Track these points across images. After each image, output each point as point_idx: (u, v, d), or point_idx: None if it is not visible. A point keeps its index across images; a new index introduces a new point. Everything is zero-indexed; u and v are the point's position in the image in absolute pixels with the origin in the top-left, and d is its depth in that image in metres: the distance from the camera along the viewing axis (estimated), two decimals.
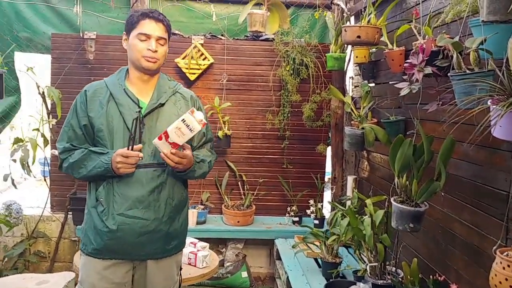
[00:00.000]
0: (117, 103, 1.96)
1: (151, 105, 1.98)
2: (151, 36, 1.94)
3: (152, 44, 1.94)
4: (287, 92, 4.01)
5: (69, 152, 1.99)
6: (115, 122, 1.95)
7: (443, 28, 2.23)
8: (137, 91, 2.01)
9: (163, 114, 2.00)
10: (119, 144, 1.93)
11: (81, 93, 2.03)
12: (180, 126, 1.82)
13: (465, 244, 2.11)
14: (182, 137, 1.85)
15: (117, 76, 2.05)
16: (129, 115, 1.94)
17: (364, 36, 2.62)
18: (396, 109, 2.88)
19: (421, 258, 2.50)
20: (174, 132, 1.83)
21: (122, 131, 1.95)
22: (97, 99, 1.99)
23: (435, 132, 2.28)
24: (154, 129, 1.97)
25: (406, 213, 2.04)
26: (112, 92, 1.98)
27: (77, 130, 1.99)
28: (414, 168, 2.07)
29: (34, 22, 3.95)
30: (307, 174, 4.12)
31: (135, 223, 1.91)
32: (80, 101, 2.01)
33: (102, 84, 2.04)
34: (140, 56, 1.94)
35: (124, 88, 1.99)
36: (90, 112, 1.97)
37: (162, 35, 1.97)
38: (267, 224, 4.00)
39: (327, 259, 2.92)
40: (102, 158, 1.90)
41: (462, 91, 1.65)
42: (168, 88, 2.07)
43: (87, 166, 1.93)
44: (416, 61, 1.93)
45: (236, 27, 4.09)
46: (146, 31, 1.94)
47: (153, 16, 1.97)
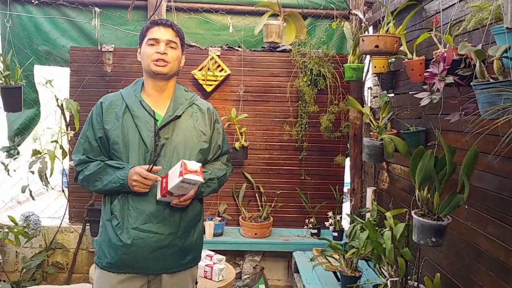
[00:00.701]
0: (133, 115, 1.94)
1: (167, 118, 1.96)
2: (160, 40, 1.93)
3: (161, 46, 1.92)
4: (304, 103, 3.97)
5: (84, 164, 1.97)
6: (130, 134, 1.93)
7: (464, 36, 2.17)
8: (153, 103, 1.99)
9: (179, 126, 1.97)
10: (134, 156, 1.92)
11: (96, 105, 2.02)
12: (181, 185, 1.79)
13: (490, 259, 2.03)
14: (186, 189, 1.84)
15: (133, 88, 2.03)
16: (144, 127, 1.92)
17: (383, 45, 2.57)
18: (416, 119, 2.82)
19: (444, 273, 2.42)
20: (177, 189, 1.80)
21: (138, 144, 1.92)
22: (113, 111, 1.97)
23: (457, 143, 2.22)
24: (170, 141, 1.94)
25: (428, 227, 1.97)
26: (128, 104, 1.96)
27: (93, 142, 1.97)
28: (436, 180, 2.00)
29: (53, 35, 4.01)
30: (325, 185, 4.06)
31: (150, 238, 1.89)
32: (95, 113, 2.00)
33: (118, 96, 2.02)
34: (150, 61, 1.92)
35: (140, 100, 1.97)
36: (106, 124, 1.95)
37: (172, 38, 1.95)
38: (285, 236, 3.94)
39: (346, 272, 2.85)
40: (118, 174, 1.88)
41: (486, 100, 1.59)
42: (184, 99, 2.04)
43: (102, 180, 1.92)
44: (437, 70, 1.88)
45: (253, 38, 4.09)
46: (154, 35, 1.93)
47: (161, 23, 1.97)
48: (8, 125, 4.06)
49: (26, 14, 3.94)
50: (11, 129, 4.05)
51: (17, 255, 4.00)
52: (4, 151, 3.83)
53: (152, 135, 1.92)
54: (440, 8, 2.43)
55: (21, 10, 3.94)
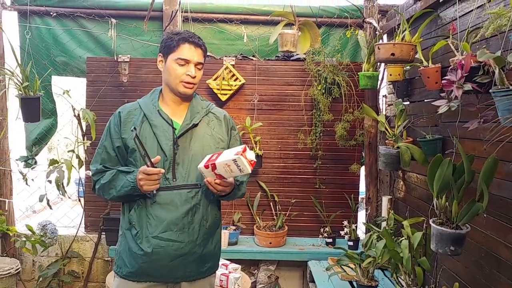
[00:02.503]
0: (151, 124, 1.96)
1: (184, 126, 1.98)
2: (191, 62, 1.94)
3: (192, 69, 1.94)
4: (319, 112, 3.97)
5: (101, 174, 2.00)
6: (148, 143, 1.94)
7: (482, 43, 2.16)
8: (171, 112, 2.01)
9: (196, 135, 2.00)
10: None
11: (114, 114, 2.04)
12: (230, 164, 1.77)
13: (510, 268, 2.00)
14: (229, 173, 1.81)
15: (151, 97, 2.05)
16: (163, 136, 1.94)
17: (399, 53, 2.57)
18: (433, 127, 2.80)
19: (463, 282, 2.38)
20: (223, 167, 1.79)
21: (156, 152, 1.93)
22: (131, 120, 1.99)
23: (475, 151, 2.20)
24: (188, 150, 1.96)
25: (446, 236, 1.95)
26: (146, 113, 1.98)
27: (110, 151, 2.00)
28: (454, 188, 1.98)
29: (70, 46, 4.07)
30: (340, 194, 4.04)
31: (170, 246, 1.89)
32: (113, 123, 2.02)
33: (135, 106, 2.05)
34: (178, 81, 1.94)
35: (158, 109, 1.99)
36: (124, 134, 1.97)
37: (201, 60, 1.98)
38: (300, 246, 3.92)
39: (363, 282, 2.82)
40: (128, 177, 1.90)
41: (506, 108, 1.58)
42: (201, 108, 2.06)
43: (116, 187, 1.93)
44: (455, 78, 1.86)
45: (267, 47, 4.11)
46: (186, 56, 1.93)
47: (193, 42, 1.96)
48: (26, 135, 4.12)
49: (44, 26, 4.01)
50: (29, 139, 4.11)
51: (34, 264, 4.04)
52: (22, 161, 3.88)
53: (170, 144, 1.94)
54: (456, 15, 2.42)
55: (40, 22, 4.01)
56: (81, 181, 4.04)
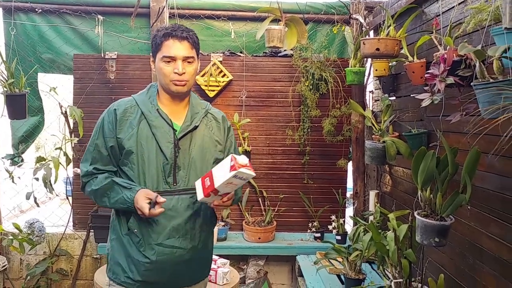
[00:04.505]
0: (150, 124, 1.86)
1: (185, 128, 1.90)
2: (176, 58, 1.83)
3: (179, 66, 1.82)
4: (306, 108, 3.99)
5: (91, 176, 1.91)
6: (147, 144, 1.85)
7: (464, 38, 2.19)
8: (169, 111, 1.91)
9: (196, 137, 1.92)
10: (152, 168, 1.85)
11: (109, 111, 1.92)
12: (232, 181, 1.67)
13: (493, 258, 2.04)
14: (234, 187, 1.74)
15: (148, 94, 1.95)
16: (163, 138, 1.85)
17: (383, 48, 2.60)
18: (418, 122, 2.84)
19: (448, 274, 2.42)
20: (225, 186, 1.69)
21: (155, 155, 1.85)
22: (127, 118, 1.88)
23: (459, 144, 2.23)
24: (188, 152, 1.89)
25: (431, 227, 1.98)
26: (144, 112, 1.88)
27: (103, 150, 1.89)
28: (438, 181, 2.02)
29: (57, 43, 4.04)
30: (328, 189, 4.08)
31: (173, 253, 1.84)
32: (107, 121, 1.90)
33: (132, 102, 1.93)
34: (168, 81, 1.85)
35: (157, 108, 1.89)
36: (120, 133, 1.86)
37: (188, 54, 1.85)
38: (289, 241, 3.95)
39: (350, 275, 2.85)
40: (125, 194, 1.80)
41: (486, 100, 1.60)
42: (200, 108, 1.98)
43: (110, 197, 1.85)
44: (438, 71, 1.90)
45: (254, 44, 4.12)
46: (170, 53, 1.83)
47: (177, 35, 1.84)
48: (12, 133, 4.08)
49: (30, 23, 3.98)
50: (15, 137, 4.07)
51: (21, 262, 4.01)
52: (9, 159, 3.85)
53: (171, 146, 1.86)
54: (440, 10, 2.46)
55: (25, 18, 3.98)
56: (69, 180, 4.02)
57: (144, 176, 1.84)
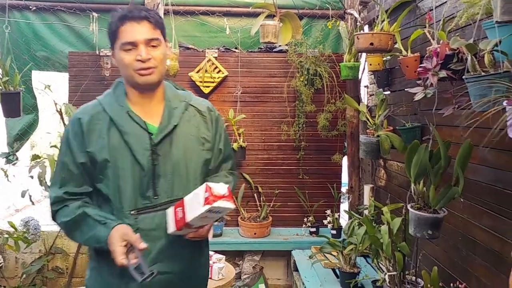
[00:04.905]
0: (121, 131, 1.56)
1: (162, 129, 1.60)
2: (137, 42, 1.51)
3: (142, 51, 1.51)
4: (301, 103, 4.01)
5: (61, 203, 1.58)
6: (119, 155, 1.55)
7: (457, 32, 2.20)
8: (142, 111, 1.61)
9: (177, 137, 1.62)
10: (128, 182, 1.56)
11: (72, 121, 1.61)
12: (206, 215, 1.44)
13: (486, 250, 2.06)
14: (210, 219, 1.51)
15: (115, 95, 1.63)
16: (137, 145, 1.56)
17: (377, 43, 2.61)
18: (412, 116, 2.85)
19: (441, 266, 2.44)
20: (199, 220, 1.46)
21: (131, 167, 1.55)
22: (95, 128, 1.57)
23: (452, 137, 2.25)
24: (169, 157, 1.59)
25: (424, 220, 2.00)
26: (113, 117, 1.57)
27: (73, 168, 1.57)
28: (431, 174, 2.03)
29: (51, 41, 4.03)
30: (323, 184, 4.09)
31: (160, 280, 1.53)
32: (73, 133, 1.59)
33: (97, 108, 1.61)
34: (132, 72, 1.54)
35: (127, 110, 1.59)
36: (89, 146, 1.56)
37: (151, 35, 1.54)
38: (284, 236, 3.97)
39: (345, 269, 2.87)
40: (99, 231, 1.50)
41: (478, 93, 1.62)
42: (178, 101, 1.67)
43: (83, 232, 1.54)
44: (430, 65, 1.91)
45: (249, 39, 4.12)
46: (129, 38, 1.51)
47: (133, 16, 1.53)
48: (7, 131, 4.08)
49: (24, 20, 3.97)
50: (10, 135, 4.07)
51: (17, 261, 4.01)
52: (3, 157, 3.85)
53: (148, 153, 1.56)
54: (433, 5, 2.47)
55: (19, 16, 3.97)
56: None
57: (119, 193, 1.56)
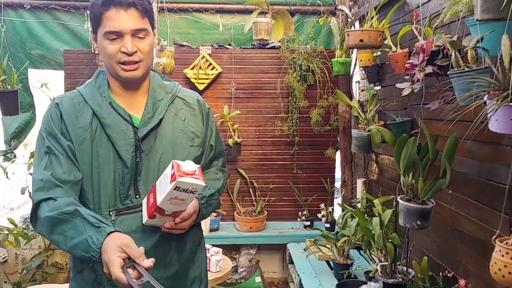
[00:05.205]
0: (103, 123, 1.42)
1: (146, 121, 1.46)
2: (123, 32, 1.37)
3: (127, 43, 1.36)
4: (294, 99, 4.07)
5: (47, 191, 1.35)
6: (100, 150, 1.41)
7: (443, 28, 2.27)
8: (126, 103, 1.48)
9: (163, 131, 1.48)
10: (108, 181, 1.41)
11: (50, 108, 1.46)
12: (176, 195, 1.29)
13: (472, 240, 2.13)
14: (183, 203, 1.34)
15: (96, 85, 1.49)
16: (121, 139, 1.42)
17: (367, 39, 2.67)
18: (402, 110, 2.92)
19: (431, 256, 2.52)
20: (170, 203, 1.31)
21: (112, 162, 1.41)
22: (75, 117, 1.43)
23: (439, 131, 2.32)
24: (154, 153, 1.45)
25: (413, 211, 2.07)
26: (94, 108, 1.43)
27: (58, 152, 1.39)
28: (420, 166, 2.10)
29: (46, 39, 4.07)
30: (317, 178, 4.17)
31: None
32: (54, 117, 1.43)
33: (78, 97, 1.47)
34: (114, 63, 1.39)
35: (109, 101, 1.45)
36: (69, 135, 1.41)
37: (139, 25, 1.39)
38: (279, 229, 4.04)
39: (339, 260, 2.95)
40: (90, 236, 1.24)
41: (461, 88, 1.69)
42: (164, 93, 1.54)
43: (67, 236, 1.29)
44: (417, 61, 1.97)
45: (242, 36, 4.17)
46: (114, 27, 1.36)
47: (120, 2, 1.36)
48: (4, 129, 4.12)
49: (19, 19, 4.00)
50: (7, 133, 4.11)
51: (17, 257, 4.06)
52: (1, 155, 3.89)
53: (132, 149, 1.42)
54: (420, 2, 2.53)
55: (14, 15, 4.00)
56: None
57: (98, 192, 1.40)
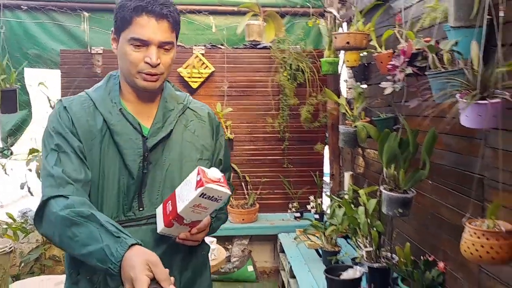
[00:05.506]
0: (112, 130, 1.34)
1: (155, 131, 1.38)
2: (150, 42, 1.31)
3: (152, 54, 1.31)
4: (285, 96, 4.25)
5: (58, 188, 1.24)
6: (107, 159, 1.33)
7: (425, 31, 2.45)
8: (135, 110, 1.40)
9: (172, 142, 1.40)
10: (112, 190, 1.33)
11: (57, 110, 1.36)
12: (200, 202, 1.22)
13: (450, 226, 2.33)
14: (205, 212, 1.27)
15: (107, 89, 1.41)
16: (129, 148, 1.34)
17: (353, 42, 2.85)
18: (386, 107, 3.11)
19: (413, 242, 2.71)
20: (191, 211, 1.24)
21: (118, 171, 1.33)
22: (86, 120, 1.35)
23: (420, 126, 2.50)
24: (161, 164, 1.38)
25: (395, 200, 2.26)
26: (104, 114, 1.35)
27: (69, 149, 1.30)
28: (401, 159, 2.29)
29: (42, 39, 4.18)
30: (306, 172, 4.36)
31: None
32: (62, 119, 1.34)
33: (87, 101, 1.38)
34: (134, 72, 1.33)
35: (120, 107, 1.37)
36: (81, 137, 1.33)
37: (167, 38, 1.34)
38: (271, 221, 4.23)
39: (327, 248, 3.13)
40: (109, 246, 1.11)
41: (438, 87, 1.88)
42: (176, 104, 1.46)
43: (78, 241, 1.16)
44: (398, 63, 2.15)
45: (235, 37, 4.33)
46: (142, 35, 1.30)
47: (153, 11, 1.31)
48: (1, 126, 4.22)
49: (16, 20, 4.10)
50: (4, 130, 4.21)
51: (15, 251, 4.16)
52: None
53: (140, 160, 1.34)
54: (402, 7, 2.71)
55: (10, 15, 4.10)
56: None
57: (102, 200, 1.32)
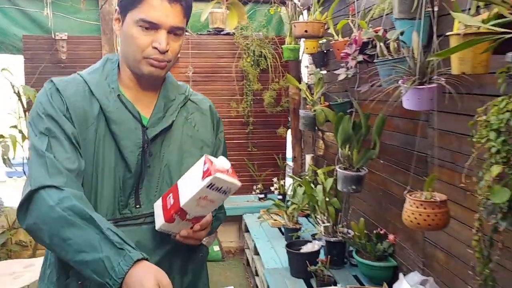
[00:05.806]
0: (108, 118, 1.21)
1: (155, 122, 1.26)
2: (161, 26, 1.17)
3: (162, 39, 1.18)
4: (248, 82, 4.39)
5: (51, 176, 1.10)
6: (103, 148, 1.20)
7: (377, 21, 2.63)
8: (134, 97, 1.28)
9: (171, 135, 1.30)
10: (109, 186, 1.20)
11: (48, 90, 1.22)
12: (206, 194, 1.10)
13: (399, 201, 2.52)
14: (211, 205, 1.16)
15: (104, 73, 1.27)
16: (126, 139, 1.22)
17: (311, 30, 3.01)
18: (343, 92, 3.29)
19: (367, 217, 2.93)
20: (196, 204, 1.12)
21: (114, 165, 1.21)
22: (81, 106, 1.21)
23: (372, 110, 2.70)
24: (159, 158, 1.26)
25: (349, 178, 2.46)
26: (100, 100, 1.22)
27: (63, 138, 1.15)
28: (354, 140, 2.48)
29: (3, 24, 4.14)
30: (270, 155, 4.55)
31: None
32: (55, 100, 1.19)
33: (82, 84, 1.24)
34: (140, 57, 1.20)
35: (118, 94, 1.24)
36: (75, 124, 1.19)
37: (179, 23, 1.20)
38: (236, 202, 4.39)
39: (288, 225, 3.32)
40: (107, 257, 1.00)
41: (385, 74, 2.06)
42: (177, 94, 1.35)
43: (71, 244, 1.04)
44: (350, 51, 2.33)
45: (198, 23, 4.41)
46: (153, 17, 1.16)
47: None
48: None
49: None
50: None
51: None
52: None
53: (139, 151, 1.22)
54: None
55: None
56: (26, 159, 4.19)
57: (95, 195, 1.19)
